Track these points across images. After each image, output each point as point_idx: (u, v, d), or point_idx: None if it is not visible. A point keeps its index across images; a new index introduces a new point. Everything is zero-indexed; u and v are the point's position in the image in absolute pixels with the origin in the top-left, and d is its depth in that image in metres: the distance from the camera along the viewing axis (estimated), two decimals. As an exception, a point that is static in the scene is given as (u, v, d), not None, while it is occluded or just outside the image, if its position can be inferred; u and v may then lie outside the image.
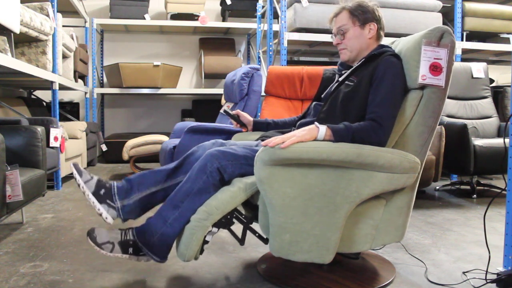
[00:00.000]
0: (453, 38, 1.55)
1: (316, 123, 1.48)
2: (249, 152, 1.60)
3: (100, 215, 1.59)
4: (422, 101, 1.56)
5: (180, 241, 1.58)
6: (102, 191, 1.61)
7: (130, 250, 1.58)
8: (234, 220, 1.64)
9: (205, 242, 1.60)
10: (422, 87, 1.56)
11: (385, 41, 1.80)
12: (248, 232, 1.65)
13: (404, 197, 1.61)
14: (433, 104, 1.56)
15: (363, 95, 1.58)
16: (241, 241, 1.65)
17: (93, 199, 1.57)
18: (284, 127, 1.91)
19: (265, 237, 1.69)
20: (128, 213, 1.61)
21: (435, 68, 1.52)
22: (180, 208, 1.56)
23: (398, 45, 1.74)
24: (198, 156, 1.69)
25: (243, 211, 1.73)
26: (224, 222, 1.59)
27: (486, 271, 1.68)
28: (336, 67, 1.90)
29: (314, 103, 1.83)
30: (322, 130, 1.45)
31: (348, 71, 1.72)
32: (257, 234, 1.69)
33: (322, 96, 1.83)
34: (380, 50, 1.66)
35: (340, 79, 1.75)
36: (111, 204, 1.60)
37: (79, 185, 1.61)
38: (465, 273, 1.75)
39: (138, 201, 1.63)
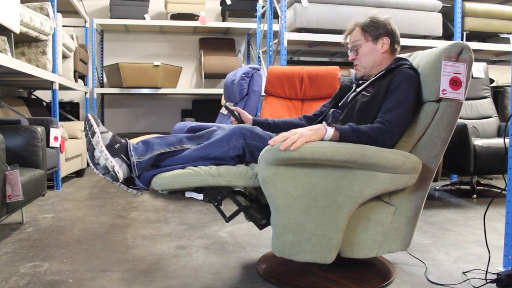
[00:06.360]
0: (471, 54, 1.57)
1: (324, 123, 1.49)
2: None
3: (113, 168, 1.51)
4: (438, 114, 1.57)
5: (171, 171, 1.54)
6: (117, 146, 1.56)
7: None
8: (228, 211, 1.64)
9: (183, 192, 1.57)
10: (438, 100, 1.57)
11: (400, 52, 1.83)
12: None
13: (414, 206, 1.62)
14: (448, 117, 1.57)
15: (379, 106, 1.62)
16: (228, 218, 1.65)
17: (106, 151, 1.51)
18: (285, 127, 1.91)
19: (261, 223, 1.69)
20: (142, 168, 1.56)
21: (455, 83, 1.54)
22: (189, 165, 1.56)
23: (415, 58, 1.76)
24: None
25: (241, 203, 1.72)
26: (217, 198, 1.58)
27: (486, 271, 1.68)
28: (350, 71, 1.92)
29: (332, 109, 1.86)
30: (330, 132, 1.46)
31: (367, 83, 1.75)
32: (251, 219, 1.70)
33: (340, 104, 1.86)
34: (398, 63, 1.70)
35: (358, 89, 1.77)
36: (124, 159, 1.55)
37: (93, 135, 1.52)
38: (465, 273, 1.75)
39: (154, 157, 1.58)
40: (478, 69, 3.85)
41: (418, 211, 1.64)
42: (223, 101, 3.89)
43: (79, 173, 4.17)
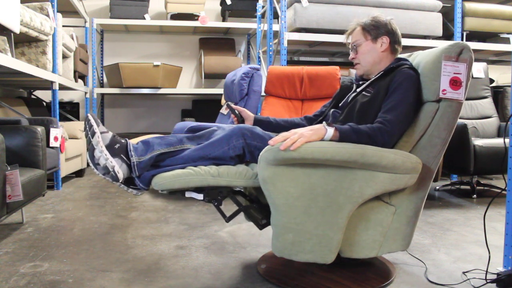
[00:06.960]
0: (471, 54, 1.58)
1: (324, 123, 1.49)
2: None
3: (113, 168, 1.51)
4: (438, 114, 1.58)
5: (171, 171, 1.54)
6: (117, 146, 1.56)
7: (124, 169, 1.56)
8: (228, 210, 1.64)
9: (183, 192, 1.58)
10: (438, 100, 1.57)
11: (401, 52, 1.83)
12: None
13: (414, 206, 1.62)
14: (448, 118, 1.57)
15: (379, 106, 1.62)
16: (228, 218, 1.65)
17: (106, 151, 1.52)
18: (286, 126, 1.91)
19: (261, 223, 1.69)
20: (142, 168, 1.56)
21: (455, 83, 1.55)
22: (189, 165, 1.56)
23: (415, 58, 1.77)
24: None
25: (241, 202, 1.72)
26: (217, 198, 1.58)
27: (486, 271, 1.68)
28: (350, 71, 1.93)
29: (332, 110, 1.86)
30: (330, 132, 1.46)
31: (367, 83, 1.76)
32: (251, 219, 1.70)
33: (340, 104, 1.86)
34: (397, 63, 1.70)
35: (358, 89, 1.78)
36: (124, 159, 1.55)
37: (93, 135, 1.53)
38: (465, 273, 1.75)
39: (154, 157, 1.58)
40: (478, 69, 3.85)
41: (418, 211, 1.64)
42: (223, 101, 3.89)
43: (79, 173, 4.17)
